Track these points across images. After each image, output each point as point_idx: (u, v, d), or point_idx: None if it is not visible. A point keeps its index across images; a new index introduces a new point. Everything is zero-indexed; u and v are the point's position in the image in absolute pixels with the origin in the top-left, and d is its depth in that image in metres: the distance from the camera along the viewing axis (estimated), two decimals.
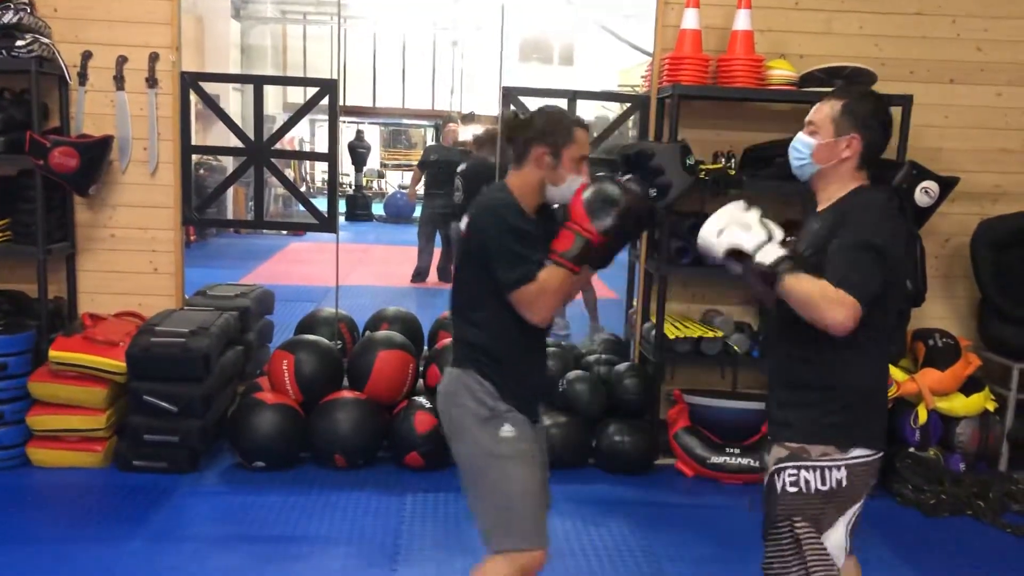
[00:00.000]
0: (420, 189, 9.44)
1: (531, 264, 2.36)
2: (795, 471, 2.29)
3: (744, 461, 4.43)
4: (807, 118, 2.41)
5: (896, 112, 4.46)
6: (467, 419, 2.48)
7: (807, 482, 2.27)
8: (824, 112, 2.36)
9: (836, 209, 2.32)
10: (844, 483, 2.27)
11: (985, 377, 4.64)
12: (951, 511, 4.18)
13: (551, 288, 2.37)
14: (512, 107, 4.73)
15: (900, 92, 4.48)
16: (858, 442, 2.29)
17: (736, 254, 2.27)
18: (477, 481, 2.50)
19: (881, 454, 2.34)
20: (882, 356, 2.36)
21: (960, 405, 4.46)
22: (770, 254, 2.21)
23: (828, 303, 2.13)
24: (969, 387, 4.49)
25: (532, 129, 2.47)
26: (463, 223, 2.49)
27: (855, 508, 2.33)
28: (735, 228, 2.26)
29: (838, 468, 2.27)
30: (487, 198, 2.51)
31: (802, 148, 2.39)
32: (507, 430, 2.45)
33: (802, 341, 2.29)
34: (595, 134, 5.00)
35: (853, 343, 2.22)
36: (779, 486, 2.31)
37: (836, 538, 2.30)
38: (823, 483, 2.27)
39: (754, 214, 2.30)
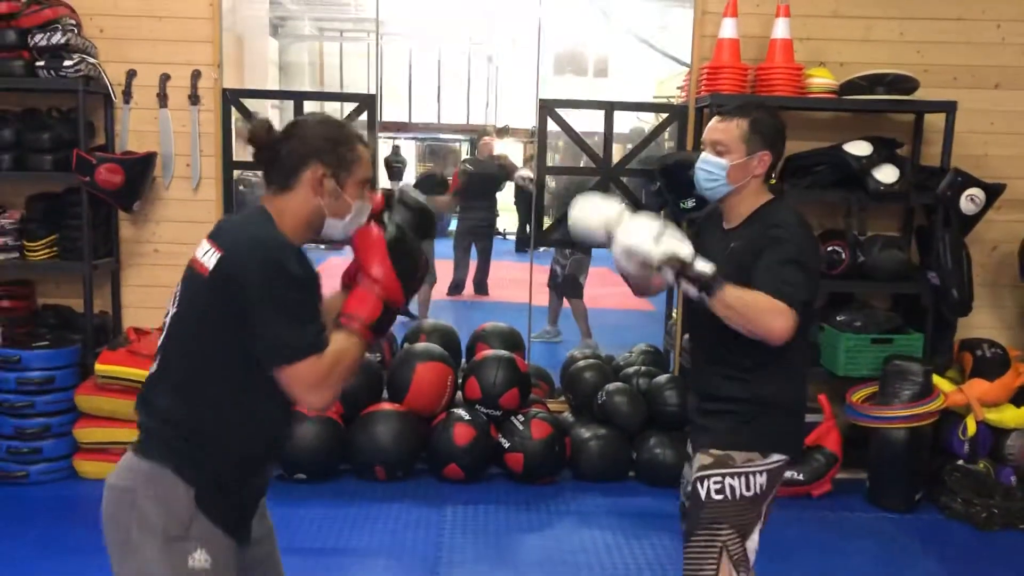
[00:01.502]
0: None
1: (319, 328, 1.80)
2: (720, 478, 2.30)
3: (788, 474, 4.35)
4: (712, 139, 2.36)
5: (940, 119, 4.42)
6: (143, 533, 1.80)
7: (732, 488, 2.29)
8: (732, 132, 2.33)
9: (751, 225, 2.33)
10: (765, 487, 2.31)
11: None
12: (1002, 524, 4.08)
13: (347, 362, 1.82)
14: (549, 119, 4.73)
15: (944, 98, 4.42)
16: (777, 448, 2.34)
17: (669, 262, 2.13)
18: None
19: (791, 458, 2.39)
20: (801, 368, 2.39)
21: (1010, 417, 4.35)
22: (708, 264, 2.14)
23: (767, 312, 2.11)
24: (1020, 398, 4.39)
25: (306, 143, 1.86)
26: (206, 259, 1.79)
27: (764, 509, 2.36)
28: (666, 236, 2.14)
29: (760, 473, 2.30)
30: (250, 234, 1.83)
31: (715, 170, 2.34)
32: (200, 558, 1.82)
33: (724, 356, 2.31)
34: (630, 145, 4.98)
35: (773, 358, 2.24)
36: (703, 493, 2.31)
37: (754, 540, 2.34)
38: (748, 489, 2.29)
39: (671, 225, 2.21)
